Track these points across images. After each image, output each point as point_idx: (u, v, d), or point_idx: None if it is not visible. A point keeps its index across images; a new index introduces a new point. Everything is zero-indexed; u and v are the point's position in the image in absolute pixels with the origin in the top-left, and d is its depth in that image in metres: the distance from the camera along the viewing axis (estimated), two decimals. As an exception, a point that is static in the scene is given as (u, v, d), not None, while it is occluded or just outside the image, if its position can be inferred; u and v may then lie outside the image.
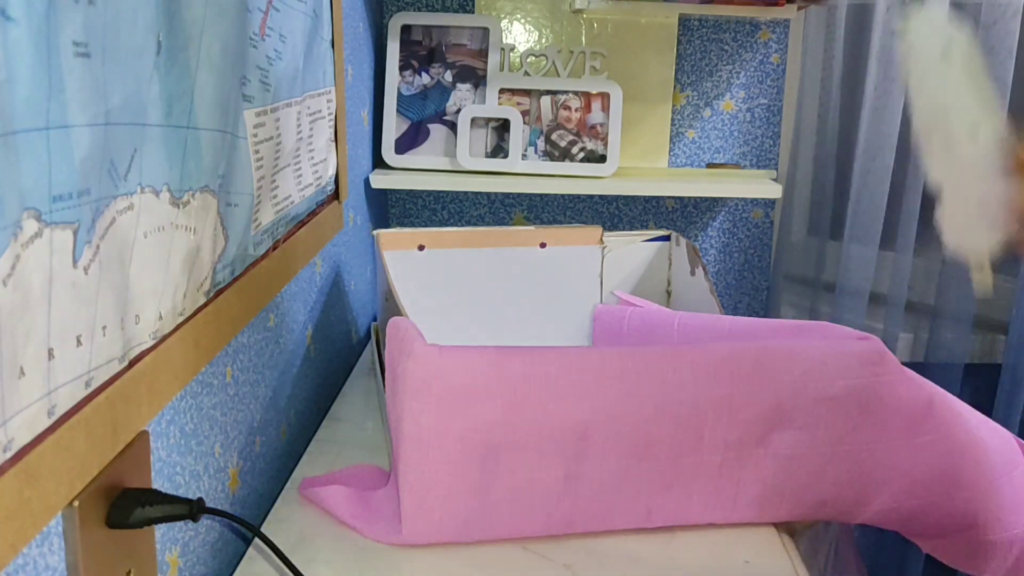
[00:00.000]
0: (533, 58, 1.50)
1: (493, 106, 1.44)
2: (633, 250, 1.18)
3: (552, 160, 1.45)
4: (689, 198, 1.64)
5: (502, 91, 1.45)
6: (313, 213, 1.00)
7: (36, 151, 0.42)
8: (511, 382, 0.72)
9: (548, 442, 0.73)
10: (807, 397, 0.77)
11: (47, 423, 0.46)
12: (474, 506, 0.74)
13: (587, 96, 1.46)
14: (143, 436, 0.58)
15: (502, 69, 1.48)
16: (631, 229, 1.64)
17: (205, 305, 0.68)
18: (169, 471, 0.65)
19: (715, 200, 1.64)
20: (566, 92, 1.46)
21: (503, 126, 1.44)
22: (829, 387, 0.77)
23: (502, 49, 1.47)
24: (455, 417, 0.71)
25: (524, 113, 1.44)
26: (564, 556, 0.75)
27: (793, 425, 0.77)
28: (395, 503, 0.76)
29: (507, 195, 1.62)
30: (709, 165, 1.62)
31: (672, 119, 1.60)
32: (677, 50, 1.57)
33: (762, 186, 1.47)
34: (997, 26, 1.56)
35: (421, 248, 1.09)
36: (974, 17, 1.62)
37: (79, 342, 0.48)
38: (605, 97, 1.45)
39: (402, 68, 1.46)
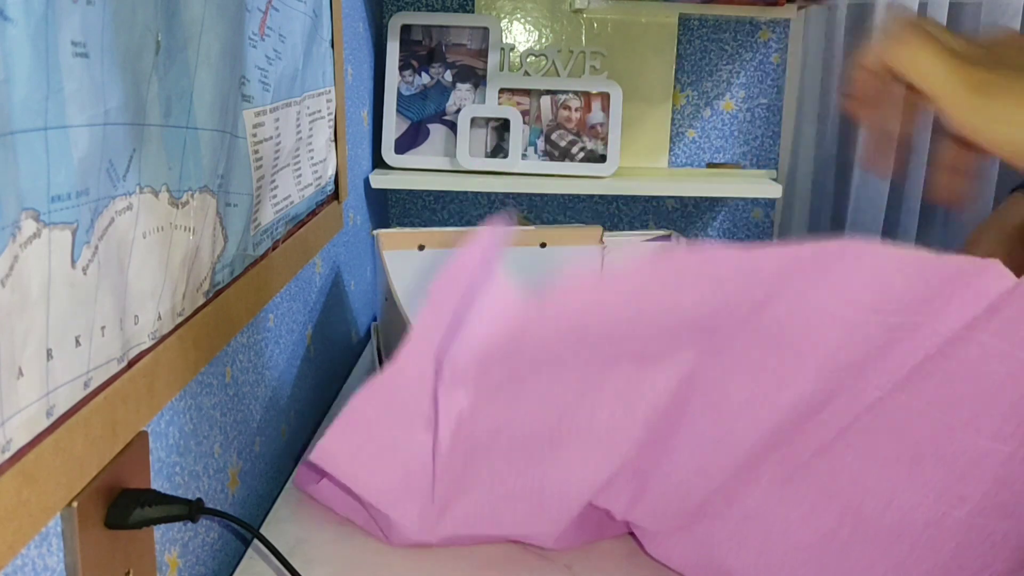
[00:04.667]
0: (533, 58, 1.50)
1: (493, 106, 1.44)
2: (633, 250, 1.17)
3: (552, 160, 1.45)
4: (689, 198, 1.64)
5: (502, 91, 1.45)
6: (313, 213, 1.00)
7: (34, 151, 0.42)
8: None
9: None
10: None
11: (46, 424, 0.46)
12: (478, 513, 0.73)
13: (587, 96, 1.45)
14: (142, 436, 0.58)
15: (502, 69, 1.47)
16: (631, 229, 1.64)
17: (204, 305, 0.68)
18: (168, 471, 0.65)
19: (715, 200, 1.64)
20: (566, 92, 1.45)
21: (503, 126, 1.44)
22: None
23: (502, 49, 1.47)
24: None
25: (524, 113, 1.44)
26: (564, 556, 0.75)
27: None
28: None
29: (507, 195, 1.62)
30: (709, 165, 1.62)
31: (672, 119, 1.60)
32: (677, 50, 1.57)
33: (762, 186, 1.46)
34: (997, 26, 1.56)
35: (421, 248, 1.09)
36: (974, 17, 1.62)
37: (78, 342, 0.48)
38: (605, 97, 1.45)
39: (402, 68, 1.46)
